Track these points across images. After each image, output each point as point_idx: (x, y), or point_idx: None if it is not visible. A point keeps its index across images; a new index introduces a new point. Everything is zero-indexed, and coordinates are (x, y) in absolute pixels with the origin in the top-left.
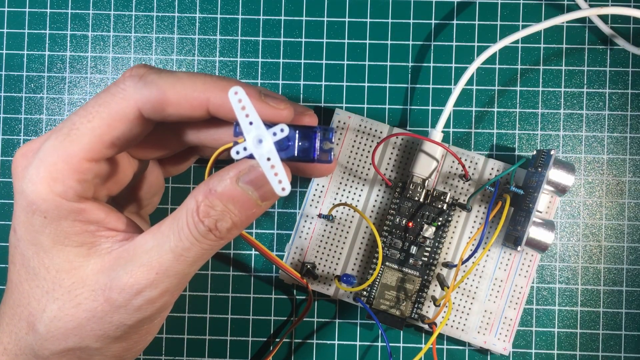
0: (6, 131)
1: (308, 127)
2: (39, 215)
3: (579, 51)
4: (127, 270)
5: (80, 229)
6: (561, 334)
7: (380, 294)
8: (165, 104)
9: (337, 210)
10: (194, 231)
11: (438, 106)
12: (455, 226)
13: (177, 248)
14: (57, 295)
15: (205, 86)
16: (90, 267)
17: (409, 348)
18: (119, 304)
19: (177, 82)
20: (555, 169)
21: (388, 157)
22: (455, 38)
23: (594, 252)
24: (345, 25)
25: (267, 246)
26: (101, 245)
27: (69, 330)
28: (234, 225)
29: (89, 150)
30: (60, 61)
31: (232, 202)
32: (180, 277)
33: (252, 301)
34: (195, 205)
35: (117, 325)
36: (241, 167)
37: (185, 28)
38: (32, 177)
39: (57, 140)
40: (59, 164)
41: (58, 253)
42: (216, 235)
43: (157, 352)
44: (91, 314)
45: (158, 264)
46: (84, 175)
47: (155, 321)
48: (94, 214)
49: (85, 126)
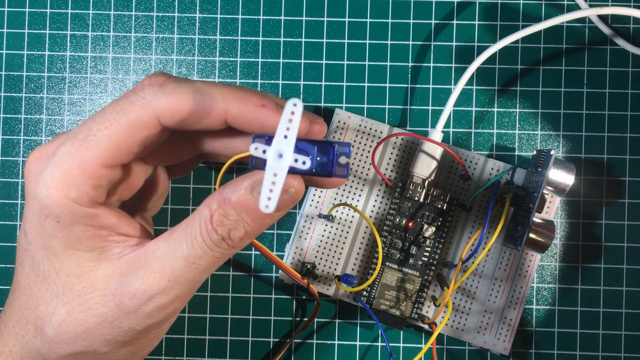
0: (6, 131)
1: (326, 142)
2: (51, 220)
3: (579, 51)
4: (139, 276)
5: (92, 233)
6: (561, 334)
7: (380, 294)
8: (184, 114)
9: (337, 210)
10: (207, 239)
11: (438, 106)
12: (455, 226)
13: (189, 256)
14: (67, 299)
15: (224, 97)
16: (101, 271)
17: (409, 348)
18: (129, 309)
19: (196, 93)
20: (555, 169)
21: (388, 157)
22: (455, 38)
23: (594, 252)
24: (345, 25)
25: (267, 246)
26: (112, 250)
27: (77, 334)
28: (246, 235)
29: (105, 157)
30: (60, 61)
31: (246, 211)
32: (192, 284)
33: (252, 301)
34: (209, 213)
35: (127, 330)
36: (255, 177)
37: (185, 28)
38: (46, 182)
39: (73, 146)
40: (74, 170)
41: (69, 257)
42: (229, 244)
43: (157, 352)
44: (101, 319)
45: (170, 271)
46: (98, 181)
47: (164, 326)
48: (107, 219)
49: (102, 132)
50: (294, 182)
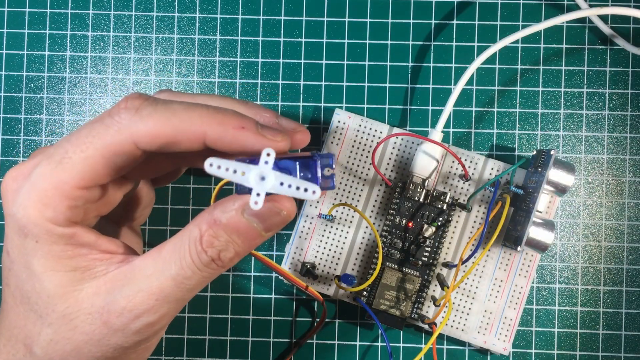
0: (6, 131)
1: (307, 157)
2: (30, 239)
3: (579, 51)
4: (125, 293)
5: (72, 252)
6: (561, 334)
7: (380, 294)
8: (161, 139)
9: (337, 210)
10: (197, 260)
11: (438, 106)
12: (455, 226)
13: (178, 276)
14: (51, 320)
15: (202, 120)
16: (85, 290)
17: (409, 348)
18: (116, 327)
19: (172, 117)
20: (555, 169)
21: (388, 157)
22: (455, 38)
23: (594, 252)
24: (345, 25)
25: (267, 246)
26: (96, 268)
27: (66, 352)
28: (236, 255)
29: (81, 179)
30: (60, 61)
31: (237, 233)
32: (180, 302)
33: (252, 301)
34: (199, 234)
35: (115, 347)
36: (246, 198)
37: (185, 28)
38: (23, 202)
39: (49, 167)
40: (50, 190)
41: (49, 278)
42: (218, 264)
43: (157, 352)
44: (88, 337)
45: (158, 290)
46: (74, 202)
47: (152, 340)
48: (85, 237)
49: (78, 155)
50: (286, 205)
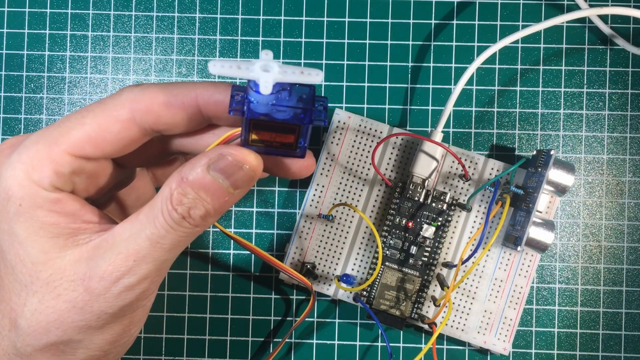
0: (6, 131)
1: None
2: (14, 202)
3: (579, 51)
4: (106, 258)
5: (55, 219)
6: (561, 334)
7: (380, 294)
8: (157, 107)
9: (337, 210)
10: (168, 219)
11: (438, 106)
12: (455, 226)
13: (153, 235)
14: (36, 288)
15: (194, 85)
16: (68, 257)
17: (409, 348)
18: (98, 292)
19: (168, 86)
20: (555, 169)
21: (388, 157)
22: (455, 38)
23: (594, 252)
24: (345, 25)
25: (267, 246)
26: (79, 236)
27: (50, 322)
28: (207, 213)
29: (73, 144)
30: (60, 61)
31: (204, 190)
32: (158, 263)
33: (252, 301)
34: (169, 193)
35: (98, 314)
36: (211, 155)
37: (185, 28)
38: (12, 162)
39: (46, 131)
40: (41, 152)
41: (32, 244)
42: (190, 222)
43: (157, 352)
44: (71, 305)
45: (135, 251)
46: (61, 168)
47: (137, 311)
48: (70, 205)
49: (76, 121)
50: (249, 158)
